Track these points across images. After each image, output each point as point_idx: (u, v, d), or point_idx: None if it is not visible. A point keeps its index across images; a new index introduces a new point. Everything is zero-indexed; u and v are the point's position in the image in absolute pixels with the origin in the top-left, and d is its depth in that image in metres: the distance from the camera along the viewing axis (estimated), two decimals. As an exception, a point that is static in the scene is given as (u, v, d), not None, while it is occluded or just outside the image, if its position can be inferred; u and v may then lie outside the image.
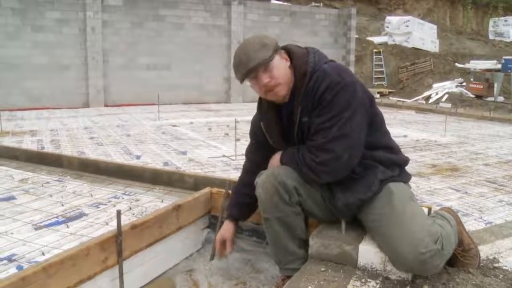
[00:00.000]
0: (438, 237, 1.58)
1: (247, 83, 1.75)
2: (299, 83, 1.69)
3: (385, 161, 1.74)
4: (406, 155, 1.89)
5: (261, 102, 1.87)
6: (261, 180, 1.78)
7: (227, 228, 2.05)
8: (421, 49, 17.09)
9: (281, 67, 1.69)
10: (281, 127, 1.81)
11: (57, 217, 2.57)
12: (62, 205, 2.79)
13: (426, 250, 1.53)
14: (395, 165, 1.77)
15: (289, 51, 1.75)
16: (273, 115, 1.82)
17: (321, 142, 1.63)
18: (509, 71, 12.21)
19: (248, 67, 1.65)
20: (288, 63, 1.72)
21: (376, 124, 1.76)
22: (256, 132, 1.94)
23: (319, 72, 1.64)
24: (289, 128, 1.78)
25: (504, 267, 1.81)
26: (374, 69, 16.36)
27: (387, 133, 1.83)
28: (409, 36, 17.35)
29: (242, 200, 2.02)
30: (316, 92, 1.63)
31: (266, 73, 1.66)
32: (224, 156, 5.10)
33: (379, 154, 1.73)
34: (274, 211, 1.76)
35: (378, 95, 13.90)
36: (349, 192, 1.72)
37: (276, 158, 1.84)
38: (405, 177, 1.81)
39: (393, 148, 1.80)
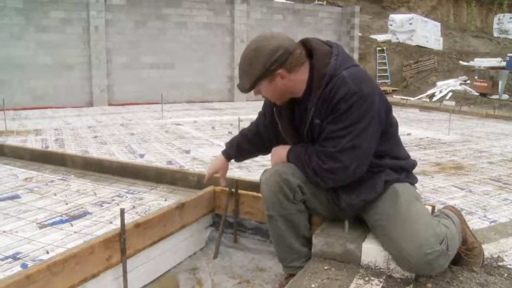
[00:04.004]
0: (443, 237, 1.57)
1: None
2: (316, 83, 1.65)
3: (392, 166, 1.73)
4: (410, 153, 1.88)
5: None
6: (266, 177, 1.78)
7: (221, 163, 2.15)
8: (425, 47, 17.03)
9: (269, 88, 1.70)
10: (292, 118, 1.81)
11: (61, 215, 2.58)
12: (66, 203, 2.80)
13: (432, 250, 1.52)
14: (401, 169, 1.76)
15: (311, 47, 1.71)
16: (286, 105, 1.80)
17: (330, 150, 1.62)
18: (514, 68, 12.14)
19: (240, 88, 1.73)
20: (285, 81, 1.67)
21: (389, 133, 1.74)
22: (265, 111, 1.97)
23: (337, 78, 1.60)
24: (300, 122, 1.77)
25: (508, 266, 1.80)
26: (377, 67, 16.31)
27: (398, 142, 1.81)
28: (412, 34, 17.28)
29: (242, 145, 2.09)
30: (332, 99, 1.60)
31: (256, 92, 1.73)
32: (227, 154, 5.09)
33: (386, 162, 1.72)
34: (278, 209, 1.76)
35: (382, 94, 13.84)
36: (353, 193, 1.71)
37: (281, 153, 1.83)
38: (411, 179, 1.80)
39: (401, 157, 1.79)
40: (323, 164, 1.64)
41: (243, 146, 2.09)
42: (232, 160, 2.18)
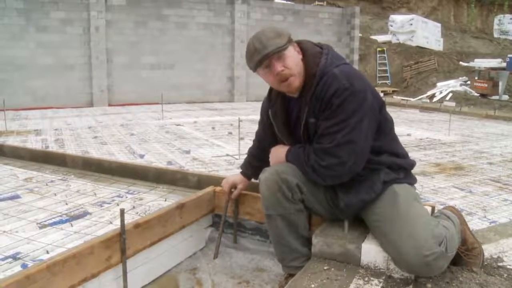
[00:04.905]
0: (442, 239, 1.57)
1: (251, 80, 1.76)
2: (308, 82, 1.68)
3: (390, 165, 1.73)
4: (410, 154, 1.88)
5: (271, 90, 1.88)
6: (264, 177, 1.78)
7: (240, 178, 2.18)
8: (425, 48, 17.03)
9: (294, 58, 1.69)
10: (288, 120, 1.82)
11: (61, 215, 2.58)
12: (66, 204, 2.80)
13: (430, 252, 1.52)
14: (400, 168, 1.76)
15: (302, 48, 1.74)
16: (281, 106, 1.82)
17: (327, 147, 1.63)
18: (514, 69, 12.12)
19: (262, 54, 1.64)
20: (301, 56, 1.72)
21: (384, 129, 1.75)
22: (263, 116, 2.00)
23: (327, 76, 1.63)
24: (296, 123, 1.79)
25: (508, 266, 1.80)
26: (378, 68, 16.31)
27: (394, 139, 1.82)
28: (413, 34, 17.28)
29: (253, 163, 2.13)
30: (324, 96, 1.62)
31: (279, 61, 1.65)
32: (227, 155, 5.10)
33: (384, 159, 1.73)
34: (277, 208, 1.76)
35: (382, 94, 13.84)
36: (351, 193, 1.72)
37: (280, 153, 1.83)
38: (410, 180, 1.80)
39: (399, 154, 1.79)
40: (321, 161, 1.65)
41: (254, 164, 2.13)
42: (234, 160, 2.20)
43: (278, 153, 1.86)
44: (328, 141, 1.62)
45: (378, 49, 16.75)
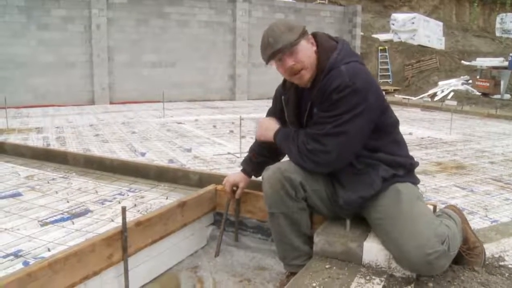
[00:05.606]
0: (445, 238, 1.57)
1: (252, 78, 1.77)
2: (318, 75, 1.72)
3: (388, 162, 1.73)
4: (411, 153, 1.87)
5: (286, 79, 1.91)
6: (267, 175, 1.79)
7: (241, 177, 2.14)
8: (427, 47, 16.99)
9: (307, 51, 1.71)
10: (298, 108, 1.86)
11: (62, 213, 2.58)
12: (68, 201, 2.80)
13: (433, 250, 1.51)
14: (399, 166, 1.75)
15: (317, 41, 1.77)
16: (294, 94, 1.86)
17: (316, 133, 1.68)
18: (516, 68, 12.09)
19: (274, 49, 1.68)
20: (315, 48, 1.75)
21: (385, 131, 1.75)
22: (275, 103, 2.04)
23: (335, 71, 1.66)
24: (304, 112, 1.82)
25: (509, 266, 1.80)
26: (379, 67, 16.28)
27: (397, 141, 1.80)
28: (414, 33, 17.25)
29: (254, 159, 2.11)
30: (326, 90, 1.65)
31: (291, 56, 1.70)
32: (229, 153, 5.10)
33: (380, 156, 1.72)
34: (280, 206, 1.77)
35: (383, 93, 13.80)
36: (350, 190, 1.72)
37: (269, 127, 1.89)
38: (412, 179, 1.79)
39: (398, 154, 1.78)
40: (307, 144, 1.69)
41: (254, 160, 2.11)
42: (236, 159, 2.19)
43: (267, 127, 1.92)
44: (318, 129, 1.67)
45: (380, 47, 16.72)
